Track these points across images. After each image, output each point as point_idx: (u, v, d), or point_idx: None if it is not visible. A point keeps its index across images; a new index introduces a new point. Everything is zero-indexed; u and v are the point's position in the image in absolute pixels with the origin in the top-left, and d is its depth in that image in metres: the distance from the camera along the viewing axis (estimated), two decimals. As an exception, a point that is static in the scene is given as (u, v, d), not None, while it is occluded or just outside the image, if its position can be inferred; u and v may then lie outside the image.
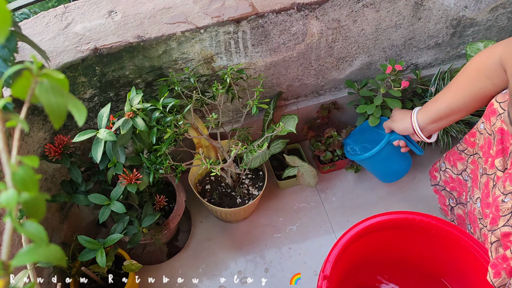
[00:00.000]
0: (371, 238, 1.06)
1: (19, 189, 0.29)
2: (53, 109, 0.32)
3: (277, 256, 1.38)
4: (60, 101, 0.33)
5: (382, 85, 1.30)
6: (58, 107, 0.32)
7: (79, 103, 0.35)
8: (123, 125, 0.97)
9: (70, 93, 0.36)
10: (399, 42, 1.36)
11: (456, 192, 1.20)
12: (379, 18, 1.25)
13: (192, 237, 1.43)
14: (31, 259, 0.32)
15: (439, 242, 1.06)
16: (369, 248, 1.12)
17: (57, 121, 0.32)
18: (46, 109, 0.32)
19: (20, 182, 0.28)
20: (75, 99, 0.35)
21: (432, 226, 1.02)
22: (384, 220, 1.02)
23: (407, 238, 1.10)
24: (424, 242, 1.09)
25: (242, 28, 1.13)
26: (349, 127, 1.46)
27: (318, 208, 1.48)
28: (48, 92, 0.33)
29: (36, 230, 0.32)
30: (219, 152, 1.34)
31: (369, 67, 1.41)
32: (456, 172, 1.18)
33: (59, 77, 0.34)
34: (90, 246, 1.02)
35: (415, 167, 1.53)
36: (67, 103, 0.34)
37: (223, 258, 1.38)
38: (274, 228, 1.44)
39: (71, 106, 0.35)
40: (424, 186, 1.50)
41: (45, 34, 1.10)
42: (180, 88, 1.12)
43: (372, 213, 1.04)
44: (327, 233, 1.42)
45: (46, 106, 0.32)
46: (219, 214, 1.39)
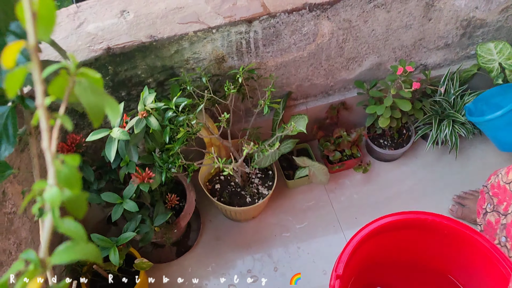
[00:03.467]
0: (382, 238, 1.06)
1: (62, 187, 0.29)
2: (93, 108, 0.32)
3: (286, 255, 1.38)
4: (98, 100, 0.33)
5: (392, 86, 1.30)
6: (96, 106, 0.33)
7: (114, 102, 0.36)
8: (137, 124, 0.97)
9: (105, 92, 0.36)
10: (409, 42, 1.36)
11: (496, 199, 1.19)
12: (390, 19, 1.25)
13: (202, 235, 1.43)
14: (69, 257, 0.32)
15: (450, 241, 1.06)
16: (380, 247, 1.12)
17: (97, 120, 0.33)
18: (87, 108, 0.32)
19: (65, 180, 0.29)
20: (110, 98, 0.35)
21: (444, 226, 1.02)
22: (397, 220, 1.02)
23: (418, 238, 1.10)
24: (435, 241, 1.09)
25: (254, 28, 1.14)
26: (359, 128, 1.46)
27: (326, 207, 1.48)
28: (87, 91, 0.33)
29: (75, 228, 0.33)
30: (229, 151, 1.34)
31: (378, 67, 1.41)
32: (505, 181, 1.16)
33: (95, 76, 0.34)
34: (103, 244, 1.03)
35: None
36: (104, 102, 0.34)
37: (232, 257, 1.39)
38: (283, 227, 1.44)
39: (106, 105, 0.35)
40: (433, 189, 1.50)
41: (58, 33, 1.11)
42: (192, 88, 1.13)
43: (380, 214, 1.05)
44: (335, 232, 1.42)
45: (86, 105, 0.32)
46: (228, 213, 1.40)
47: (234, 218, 1.43)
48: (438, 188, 1.49)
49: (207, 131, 1.22)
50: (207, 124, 1.19)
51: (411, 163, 1.56)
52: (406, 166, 1.56)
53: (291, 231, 1.43)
